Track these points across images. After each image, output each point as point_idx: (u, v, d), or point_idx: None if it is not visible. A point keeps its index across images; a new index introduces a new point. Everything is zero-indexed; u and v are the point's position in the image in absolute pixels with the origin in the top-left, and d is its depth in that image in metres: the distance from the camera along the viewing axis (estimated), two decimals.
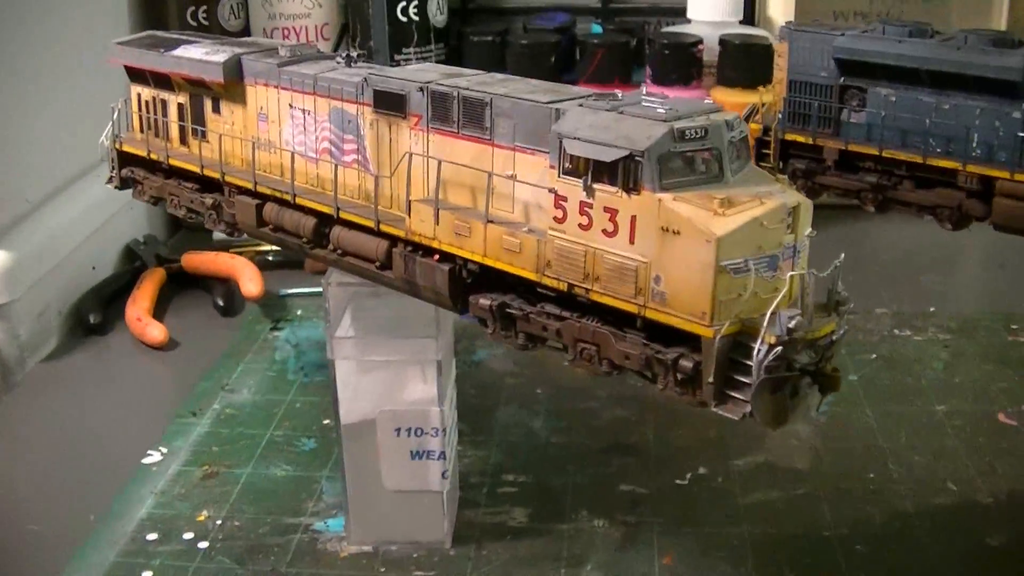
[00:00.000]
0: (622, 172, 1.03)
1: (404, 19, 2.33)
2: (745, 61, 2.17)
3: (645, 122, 1.04)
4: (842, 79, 1.55)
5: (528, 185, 1.14)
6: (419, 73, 1.26)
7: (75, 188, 2.15)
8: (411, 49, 2.35)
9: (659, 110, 1.05)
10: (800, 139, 1.58)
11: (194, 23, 2.36)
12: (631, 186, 1.03)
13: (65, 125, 2.10)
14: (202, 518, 1.48)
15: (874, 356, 1.90)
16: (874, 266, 2.26)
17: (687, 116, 1.05)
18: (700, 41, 2.23)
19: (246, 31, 2.41)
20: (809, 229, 1.08)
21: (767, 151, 1.61)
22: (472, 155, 1.18)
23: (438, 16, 2.38)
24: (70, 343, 2.01)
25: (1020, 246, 1.63)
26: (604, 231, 1.06)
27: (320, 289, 2.08)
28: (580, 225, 1.08)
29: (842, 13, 2.34)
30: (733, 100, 2.18)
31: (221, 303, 2.08)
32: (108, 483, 1.56)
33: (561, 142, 1.07)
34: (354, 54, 1.37)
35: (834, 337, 1.06)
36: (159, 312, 2.07)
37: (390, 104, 1.25)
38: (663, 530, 1.45)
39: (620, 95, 1.11)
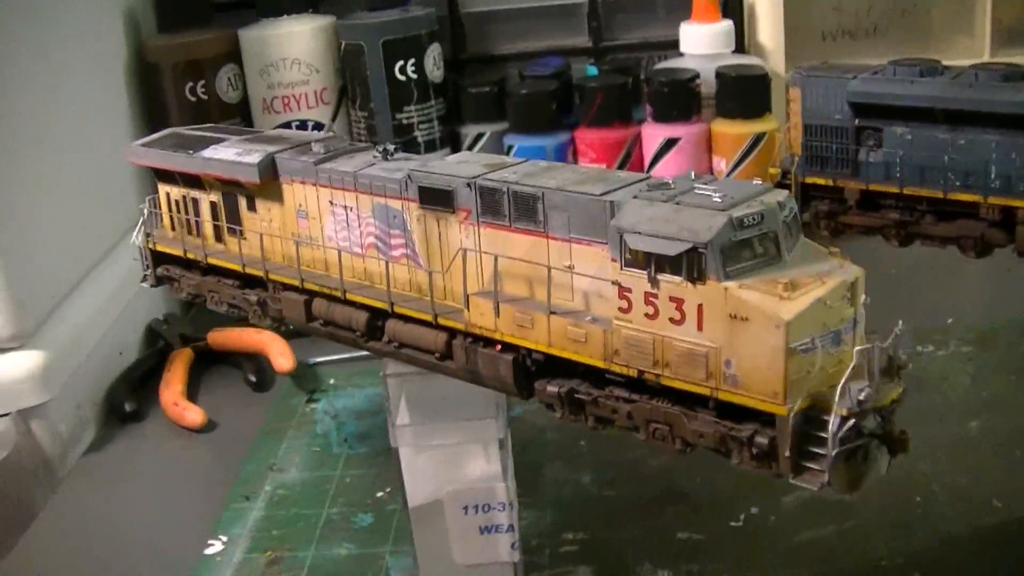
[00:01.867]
0: (686, 264, 1.07)
1: (403, 78, 2.36)
2: (743, 92, 2.21)
3: (704, 212, 1.08)
4: (857, 121, 1.59)
5: (586, 276, 1.17)
6: (462, 166, 1.29)
7: (94, 275, 2.17)
8: (412, 107, 2.37)
9: (715, 199, 1.09)
10: (820, 181, 1.61)
11: (192, 98, 2.37)
12: (695, 276, 1.07)
13: (75, 214, 2.11)
14: None
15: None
16: (887, 282, 2.29)
17: (742, 202, 1.09)
18: (697, 75, 2.26)
19: (244, 102, 2.43)
20: (865, 297, 1.12)
21: None
22: (526, 247, 1.21)
23: (435, 72, 2.40)
24: (108, 433, 2.02)
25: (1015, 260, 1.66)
26: (671, 319, 1.09)
27: (346, 356, 2.16)
28: (647, 315, 1.11)
29: (831, 33, 2.39)
30: (735, 131, 2.22)
31: (253, 379, 2.09)
32: None
33: (622, 236, 1.10)
34: (391, 147, 1.40)
35: (898, 401, 1.10)
36: (191, 393, 2.08)
37: (437, 200, 1.28)
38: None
39: (671, 182, 1.14)
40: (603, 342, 1.15)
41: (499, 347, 1.26)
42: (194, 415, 1.97)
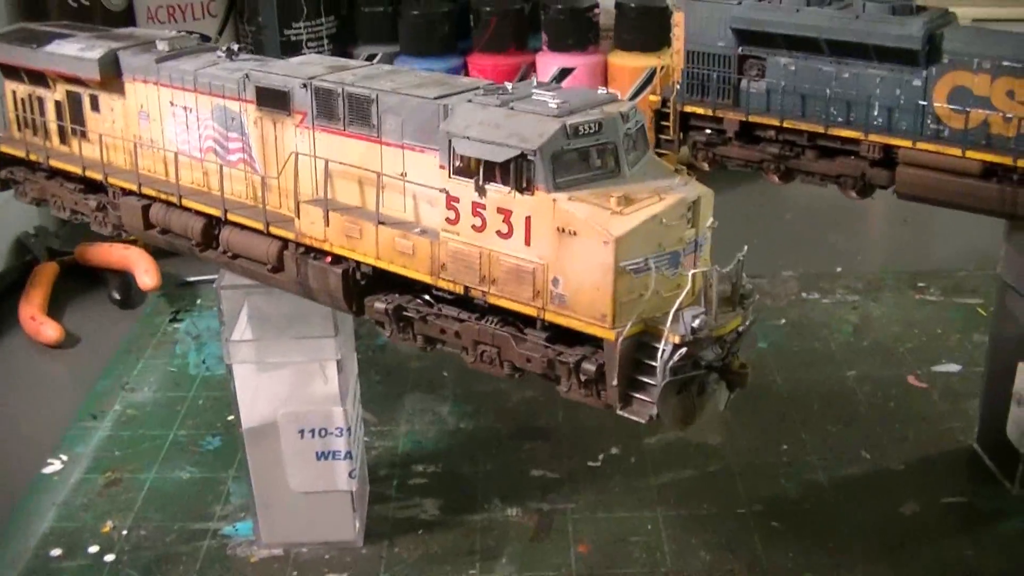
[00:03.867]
0: (514, 172, 1.00)
1: None
2: (642, 24, 2.15)
3: (536, 118, 1.01)
4: (740, 49, 1.52)
5: (417, 185, 1.09)
6: (303, 67, 1.21)
7: None
8: (301, 23, 2.28)
9: (550, 104, 1.02)
10: (700, 111, 1.55)
11: (75, 4, 2.26)
12: (524, 186, 1.00)
13: None
14: (107, 529, 1.44)
15: (783, 321, 1.90)
16: (778, 227, 2.26)
17: (580, 110, 1.02)
18: (596, 5, 2.19)
19: (130, 11, 2.32)
20: (711, 220, 1.05)
21: (666, 123, 1.58)
22: (360, 153, 1.14)
23: None
24: None
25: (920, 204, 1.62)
26: (499, 232, 1.02)
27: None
28: (474, 226, 1.04)
29: None
30: (632, 64, 2.16)
31: (118, 296, 2.02)
32: (5, 495, 1.51)
33: (451, 141, 1.03)
34: (235, 47, 1.31)
35: (740, 331, 1.04)
36: (54, 309, 2.00)
37: (274, 101, 1.20)
38: (578, 516, 1.44)
39: (511, 87, 1.07)
40: (430, 255, 1.08)
41: (329, 259, 1.18)
42: (51, 330, 1.89)
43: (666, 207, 0.99)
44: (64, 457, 1.59)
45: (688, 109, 1.57)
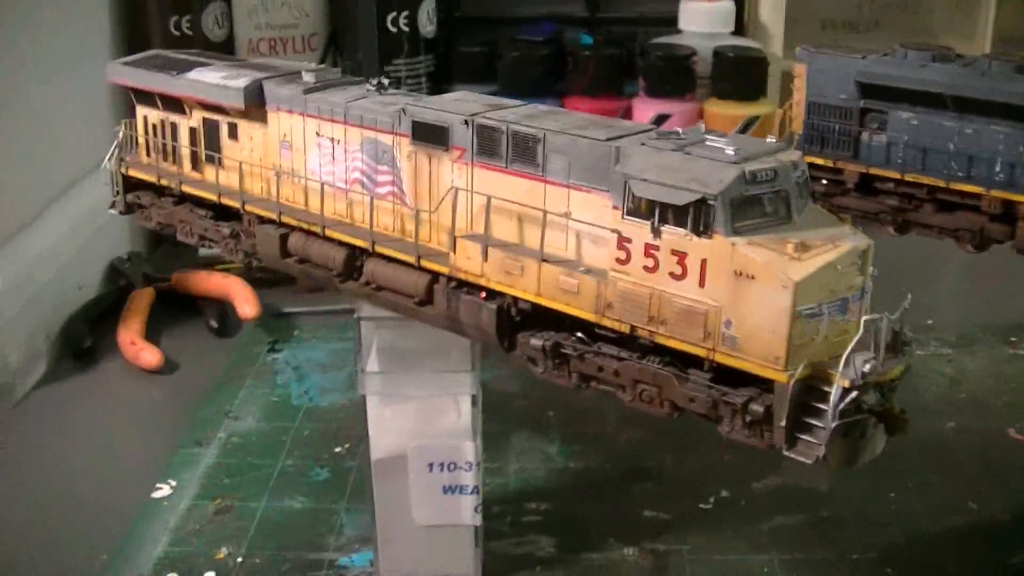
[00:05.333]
0: (692, 215, 1.01)
1: (394, 29, 2.29)
2: (740, 73, 2.17)
3: (715, 164, 1.02)
4: (863, 102, 1.54)
5: (583, 224, 1.11)
6: (460, 104, 1.23)
7: (57, 206, 2.09)
8: (401, 60, 2.31)
9: (727, 151, 1.03)
10: (820, 161, 1.57)
11: (177, 33, 2.29)
12: (702, 230, 1.01)
13: (46, 142, 2.04)
14: (221, 556, 1.44)
15: None
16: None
17: (755, 157, 1.03)
18: (694, 53, 2.22)
19: (230, 41, 2.35)
20: (872, 269, 1.07)
21: None
22: (522, 192, 1.15)
23: (428, 26, 2.34)
24: (61, 368, 1.94)
25: (1006, 258, 1.63)
26: (672, 274, 1.04)
27: (319, 308, 2.10)
28: (646, 267, 1.05)
29: (831, 22, 2.35)
30: (729, 112, 2.18)
31: (215, 324, 2.03)
32: (117, 520, 1.52)
33: (627, 183, 1.05)
34: (385, 81, 1.33)
35: (900, 378, 1.05)
36: (151, 334, 2.01)
37: (431, 136, 1.22)
38: (693, 558, 1.44)
39: (682, 133, 1.09)
40: (596, 294, 1.09)
41: (483, 294, 1.20)
42: (150, 355, 1.91)
43: (840, 254, 1.01)
44: (173, 483, 1.60)
45: (808, 159, 1.58)
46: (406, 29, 2.30)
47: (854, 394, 0.99)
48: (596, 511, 1.54)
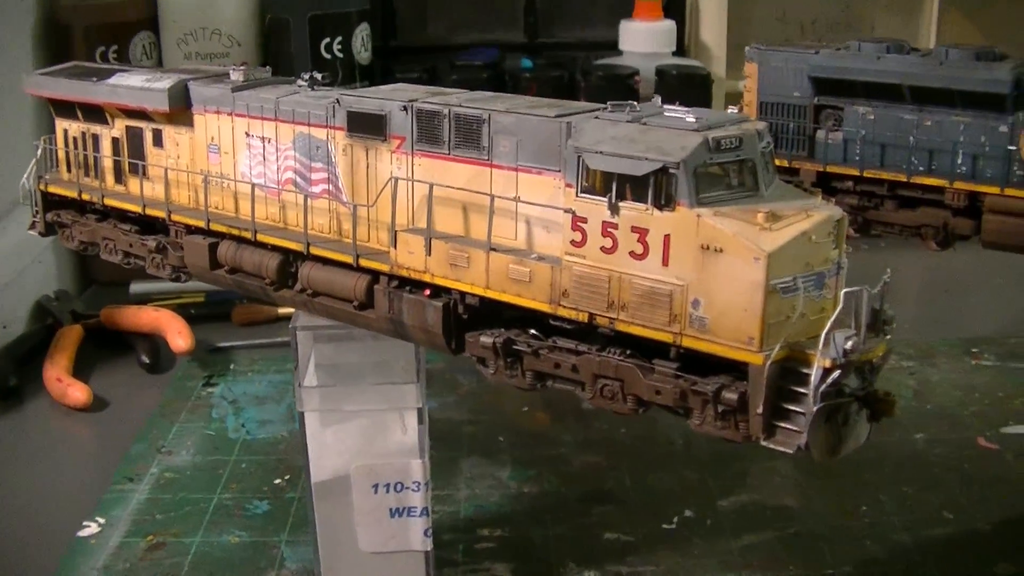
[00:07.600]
0: (653, 187, 0.94)
1: (328, 56, 2.22)
2: (684, 91, 2.11)
3: (675, 132, 0.95)
4: (817, 98, 1.49)
5: (534, 208, 1.03)
6: (398, 92, 1.16)
7: None
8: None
9: (688, 119, 0.96)
10: (776, 163, 1.51)
11: (104, 63, 2.20)
12: (664, 202, 0.94)
13: None
14: None
15: None
16: None
17: (718, 126, 0.96)
18: (636, 72, 2.16)
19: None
20: (847, 246, 1.00)
21: None
22: (466, 178, 1.08)
23: (363, 53, 2.27)
24: None
25: (960, 270, 1.57)
26: (632, 253, 0.96)
27: (256, 342, 2.01)
28: (603, 248, 0.98)
29: (773, 44, 2.30)
30: None
31: (147, 360, 1.93)
32: (43, 560, 1.42)
33: (580, 157, 0.97)
34: (318, 75, 1.26)
35: (883, 359, 0.98)
36: (80, 372, 1.91)
37: (367, 127, 1.14)
38: None
39: (637, 106, 1.02)
40: (550, 282, 1.02)
41: (428, 292, 1.11)
42: (78, 392, 1.80)
43: (814, 224, 0.94)
44: (101, 520, 1.50)
45: None
46: (340, 55, 2.23)
47: (836, 374, 0.91)
48: (554, 535, 1.46)
